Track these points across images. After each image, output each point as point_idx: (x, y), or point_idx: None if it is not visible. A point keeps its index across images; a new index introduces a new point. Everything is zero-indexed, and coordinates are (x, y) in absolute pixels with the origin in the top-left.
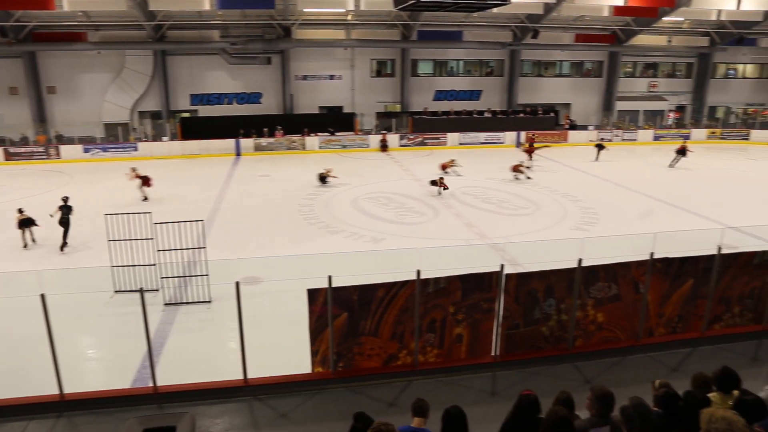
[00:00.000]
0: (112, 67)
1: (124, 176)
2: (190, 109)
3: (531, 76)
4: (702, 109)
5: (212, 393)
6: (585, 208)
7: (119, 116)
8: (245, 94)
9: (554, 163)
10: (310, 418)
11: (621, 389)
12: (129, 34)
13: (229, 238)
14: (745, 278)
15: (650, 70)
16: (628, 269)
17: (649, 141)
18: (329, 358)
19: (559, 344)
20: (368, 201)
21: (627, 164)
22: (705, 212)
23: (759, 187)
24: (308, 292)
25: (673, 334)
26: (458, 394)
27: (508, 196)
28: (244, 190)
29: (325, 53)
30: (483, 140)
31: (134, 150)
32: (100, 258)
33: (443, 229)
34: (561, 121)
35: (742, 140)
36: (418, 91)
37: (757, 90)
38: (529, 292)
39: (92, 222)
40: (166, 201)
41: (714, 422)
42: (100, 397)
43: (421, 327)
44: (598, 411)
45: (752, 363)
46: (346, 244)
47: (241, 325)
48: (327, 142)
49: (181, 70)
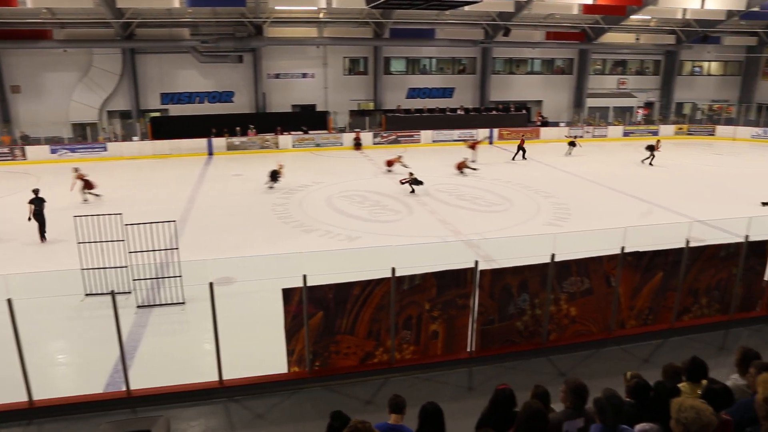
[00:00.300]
0: (79, 65)
1: (68, 176)
2: (160, 109)
3: (503, 73)
4: (669, 105)
5: (187, 395)
6: (557, 204)
7: (87, 116)
8: (217, 93)
9: (527, 159)
10: (286, 418)
11: (594, 381)
12: (96, 32)
13: (202, 239)
14: (712, 270)
15: (619, 67)
16: (599, 263)
17: (619, 137)
18: (305, 357)
19: (533, 338)
20: (343, 199)
21: (598, 160)
22: (673, 206)
23: (724, 182)
24: (283, 292)
25: (644, 326)
26: (435, 390)
27: (481, 192)
28: (217, 190)
29: (298, 51)
30: (456, 137)
31: (103, 150)
32: (69, 261)
33: (418, 226)
34: (533, 118)
35: (708, 136)
36: (391, 89)
37: (722, 87)
38: (504, 288)
39: (61, 224)
40: (137, 202)
41: (683, 411)
42: (71, 402)
43: (397, 324)
44: (572, 403)
45: (719, 352)
46: (320, 243)
47: (215, 327)
48: (300, 141)
49: (151, 68)
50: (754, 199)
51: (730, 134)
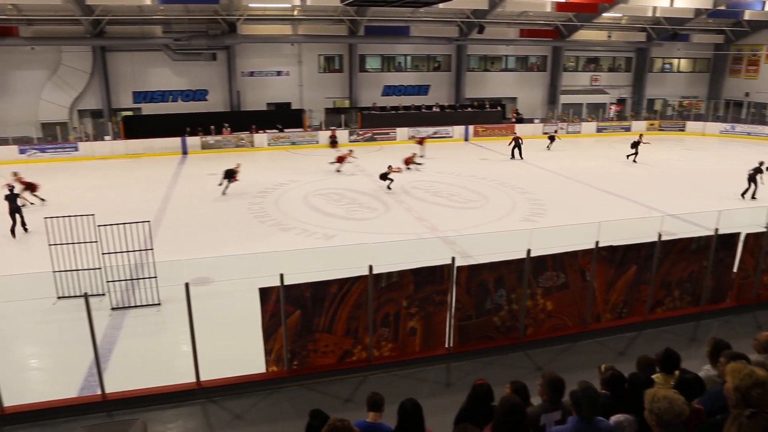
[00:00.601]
0: (48, 63)
1: (8, 179)
2: (133, 108)
3: (477, 70)
4: (641, 101)
5: (164, 398)
6: (533, 199)
7: (57, 115)
8: (190, 91)
9: (502, 155)
10: (265, 418)
11: (571, 374)
12: (65, 29)
13: (177, 239)
14: (683, 263)
15: (592, 64)
16: (575, 258)
17: (593, 133)
18: (283, 356)
19: (510, 333)
20: (319, 197)
21: (572, 156)
22: (646, 201)
23: (695, 176)
24: (260, 291)
25: (618, 320)
26: (413, 386)
27: (457, 189)
28: (192, 190)
29: (272, 49)
30: (432, 135)
31: (75, 150)
32: (41, 263)
33: (395, 223)
34: (508, 115)
35: (678, 131)
36: (366, 87)
37: (691, 83)
38: (481, 284)
39: (31, 226)
40: (110, 202)
41: (656, 401)
42: (45, 408)
43: (375, 322)
44: (549, 397)
45: (691, 343)
46: (297, 242)
47: (192, 327)
48: (276, 139)
49: (123, 66)
50: (724, 193)
51: (700, 130)
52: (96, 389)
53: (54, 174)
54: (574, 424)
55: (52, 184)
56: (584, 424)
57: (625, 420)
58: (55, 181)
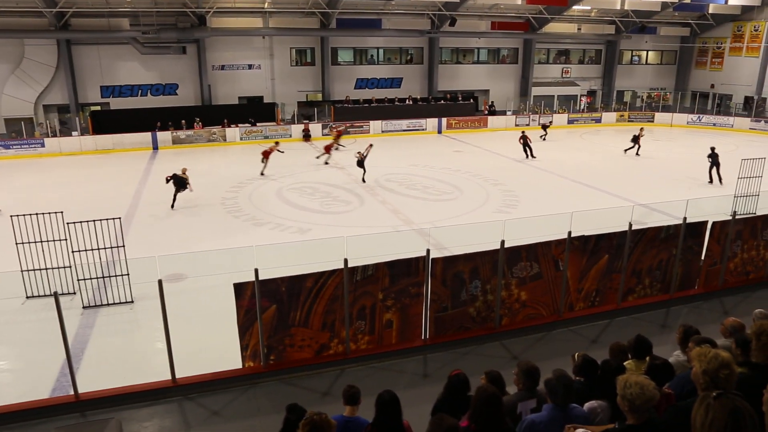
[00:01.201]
0: (10, 57)
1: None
2: (101, 102)
3: (450, 63)
4: (611, 93)
5: (139, 396)
6: (506, 191)
7: (21, 110)
8: (160, 86)
9: (475, 147)
10: (243, 414)
11: (546, 363)
12: (27, 21)
13: (149, 235)
14: (653, 251)
15: (563, 56)
16: (548, 248)
17: (564, 125)
18: (260, 351)
19: (486, 324)
20: (293, 191)
21: (544, 147)
22: (616, 191)
23: (663, 166)
24: (235, 287)
25: (591, 308)
26: (391, 378)
27: (431, 182)
28: (164, 185)
29: (243, 42)
30: (405, 127)
31: (41, 146)
32: (7, 263)
33: (369, 216)
34: (480, 107)
35: (647, 122)
36: (339, 80)
37: (659, 75)
38: (456, 275)
39: None
40: (79, 199)
41: (628, 387)
42: (15, 410)
43: (352, 315)
44: (524, 385)
45: (662, 330)
46: (272, 236)
47: (166, 324)
48: (248, 133)
49: (89, 60)
50: (692, 183)
51: (668, 121)
52: (69, 389)
53: (19, 171)
54: (549, 411)
55: (18, 181)
56: (559, 411)
57: (598, 406)
58: (21, 179)
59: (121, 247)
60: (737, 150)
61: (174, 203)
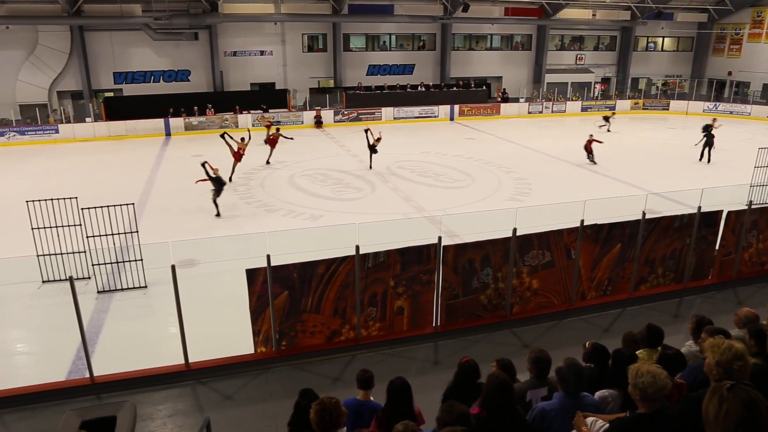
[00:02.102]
0: (24, 43)
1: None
2: (114, 88)
3: (462, 49)
4: (625, 80)
5: (153, 379)
6: (518, 179)
7: (36, 97)
8: (173, 72)
9: (487, 135)
10: (255, 398)
11: (557, 351)
12: (40, 7)
13: (162, 221)
14: (667, 240)
15: (577, 43)
16: (560, 236)
17: (578, 112)
18: (272, 337)
19: (497, 312)
20: (305, 178)
21: (557, 135)
22: (630, 179)
23: (678, 154)
24: (247, 273)
25: (603, 297)
26: (402, 365)
27: (443, 169)
28: (177, 171)
29: (255, 28)
30: (417, 114)
31: (55, 132)
32: (23, 247)
33: (381, 203)
34: (493, 94)
35: (662, 110)
36: (351, 66)
37: (675, 62)
38: (467, 263)
39: (13, 209)
40: (93, 185)
41: (640, 376)
42: (33, 392)
43: (363, 302)
44: (535, 373)
45: (674, 320)
46: (284, 223)
47: (179, 309)
48: (260, 120)
49: (102, 47)
50: (706, 172)
51: (683, 109)
52: (84, 372)
53: (34, 157)
54: (560, 399)
55: (33, 167)
56: (570, 399)
57: (609, 395)
58: (36, 164)
59: (134, 233)
60: (754, 138)
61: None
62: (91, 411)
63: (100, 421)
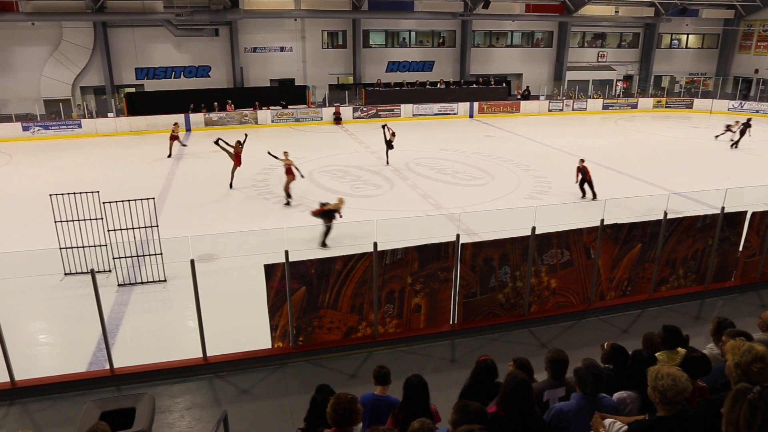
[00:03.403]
0: (49, 39)
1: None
2: (135, 84)
3: (482, 46)
4: (648, 78)
5: (171, 372)
6: (538, 177)
7: (60, 92)
8: (193, 68)
9: (507, 132)
10: (271, 393)
11: (575, 351)
12: (65, 4)
13: (182, 216)
14: (688, 241)
15: (599, 40)
16: (579, 236)
17: (599, 110)
18: (289, 332)
19: (514, 310)
20: (323, 174)
21: (577, 133)
22: (651, 179)
23: (701, 154)
24: (265, 268)
25: (623, 297)
26: (418, 362)
27: (462, 166)
28: (196, 166)
29: (275, 24)
30: (436, 111)
31: (78, 127)
32: (46, 240)
33: (399, 200)
34: (513, 91)
35: (685, 109)
36: (370, 63)
37: (699, 60)
38: (485, 261)
39: (36, 203)
40: (114, 179)
41: (660, 379)
42: (55, 382)
43: (380, 298)
44: (553, 373)
45: (696, 322)
46: (302, 219)
47: (198, 304)
48: (279, 116)
49: (125, 42)
50: (730, 171)
51: (707, 107)
52: (104, 364)
53: (58, 151)
54: (578, 400)
55: (57, 161)
56: (588, 400)
57: (628, 396)
58: (60, 159)
59: (154, 227)
60: None
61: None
62: (111, 402)
63: (120, 413)
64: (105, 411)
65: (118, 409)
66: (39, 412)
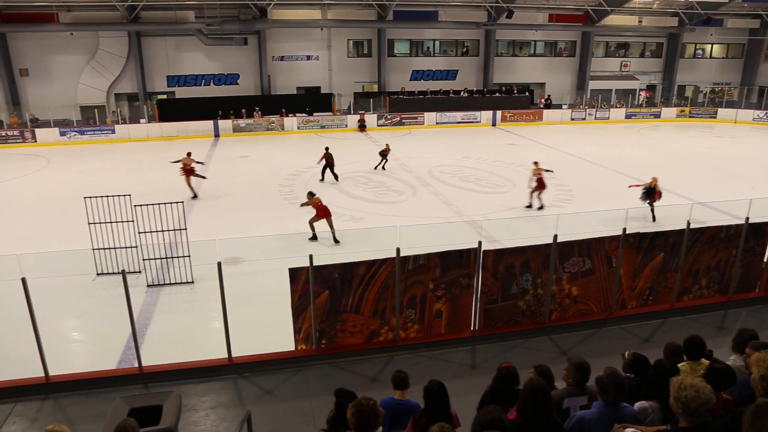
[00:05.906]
0: (86, 48)
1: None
2: (167, 91)
3: (506, 55)
4: (671, 88)
5: (197, 372)
6: (559, 185)
7: (95, 99)
8: (222, 76)
9: (529, 141)
10: (294, 394)
11: (596, 360)
12: (102, 15)
13: (210, 219)
14: (711, 251)
15: (622, 49)
16: (601, 244)
17: (621, 119)
18: (312, 335)
19: (535, 318)
20: (347, 180)
21: (600, 143)
22: (674, 188)
23: (725, 164)
24: (290, 271)
25: (644, 306)
26: (439, 368)
27: (484, 174)
28: (224, 172)
29: (302, 33)
30: (459, 119)
31: (112, 132)
32: (80, 241)
33: (422, 207)
34: (536, 100)
35: (709, 118)
36: (394, 71)
37: (724, 69)
38: (507, 268)
39: (71, 205)
40: (145, 183)
41: (683, 390)
42: (86, 378)
43: (402, 303)
44: (575, 381)
45: (718, 332)
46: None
47: (224, 305)
48: (305, 123)
49: (157, 51)
50: (754, 182)
51: (732, 117)
52: (133, 362)
53: (93, 155)
54: (599, 408)
55: (91, 165)
56: (609, 409)
57: (649, 406)
58: (94, 162)
59: (183, 230)
60: None
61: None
62: (139, 399)
63: (147, 410)
64: (133, 408)
65: (145, 406)
66: (71, 407)
